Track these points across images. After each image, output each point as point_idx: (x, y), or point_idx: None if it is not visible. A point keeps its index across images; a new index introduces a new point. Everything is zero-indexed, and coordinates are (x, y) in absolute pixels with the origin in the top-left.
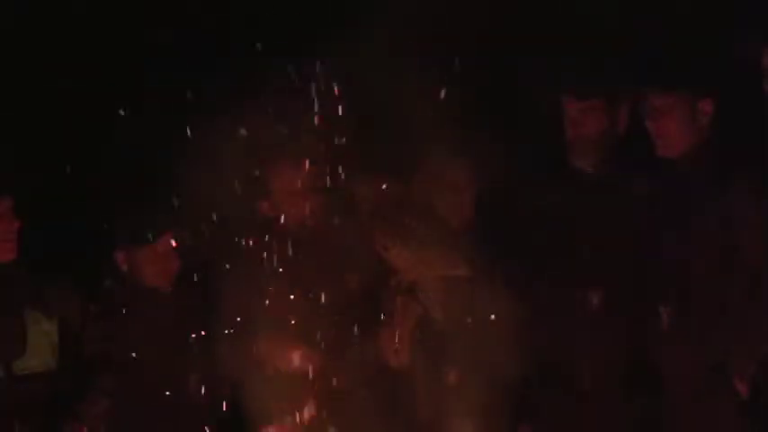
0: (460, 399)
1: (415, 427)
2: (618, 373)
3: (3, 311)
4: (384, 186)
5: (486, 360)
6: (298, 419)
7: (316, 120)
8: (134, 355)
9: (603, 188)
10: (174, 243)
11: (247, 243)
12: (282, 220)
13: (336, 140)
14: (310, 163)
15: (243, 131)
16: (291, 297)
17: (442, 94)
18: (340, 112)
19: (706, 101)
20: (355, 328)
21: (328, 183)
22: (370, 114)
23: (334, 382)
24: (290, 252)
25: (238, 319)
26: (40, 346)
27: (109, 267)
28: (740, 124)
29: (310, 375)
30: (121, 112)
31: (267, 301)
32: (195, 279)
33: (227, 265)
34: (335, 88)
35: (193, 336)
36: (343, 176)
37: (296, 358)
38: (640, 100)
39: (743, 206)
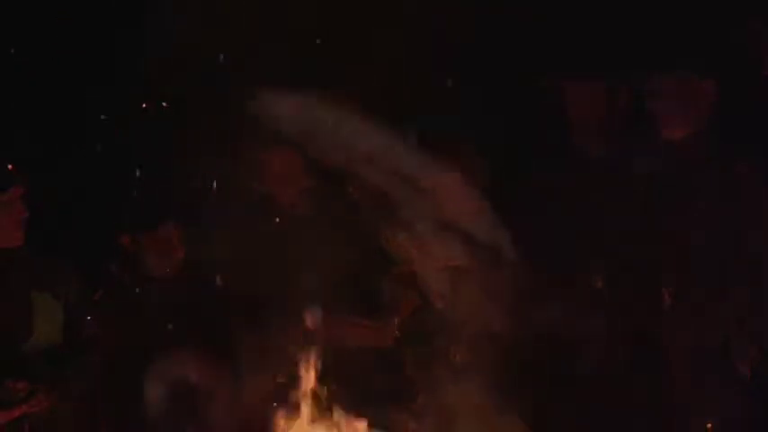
0: (460, 386)
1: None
2: (620, 353)
3: (9, 296)
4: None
5: (486, 349)
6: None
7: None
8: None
9: (605, 170)
10: (175, 230)
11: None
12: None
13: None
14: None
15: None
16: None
17: (445, 81)
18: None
19: (708, 83)
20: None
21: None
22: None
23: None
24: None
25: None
26: (47, 328)
27: (112, 253)
28: (742, 107)
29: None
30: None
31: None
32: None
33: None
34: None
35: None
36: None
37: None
38: (643, 82)
39: (744, 188)
